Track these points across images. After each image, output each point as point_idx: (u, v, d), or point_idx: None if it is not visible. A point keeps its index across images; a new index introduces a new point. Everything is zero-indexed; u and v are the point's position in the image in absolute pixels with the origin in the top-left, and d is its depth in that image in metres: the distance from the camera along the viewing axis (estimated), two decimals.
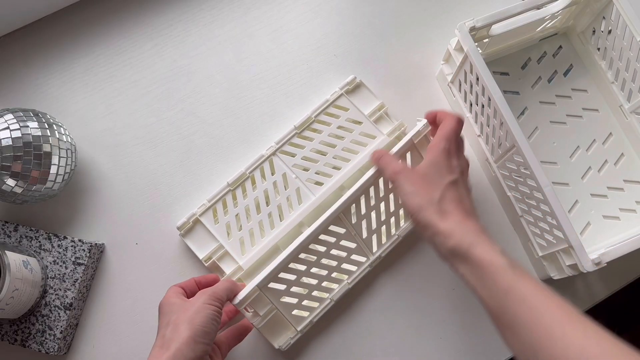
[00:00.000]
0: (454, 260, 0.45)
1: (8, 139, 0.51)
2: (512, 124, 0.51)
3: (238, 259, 0.57)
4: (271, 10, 0.66)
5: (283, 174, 0.59)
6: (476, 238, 0.45)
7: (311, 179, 0.59)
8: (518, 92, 0.63)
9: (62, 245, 0.57)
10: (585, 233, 0.60)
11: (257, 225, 0.58)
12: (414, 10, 0.66)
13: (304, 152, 0.59)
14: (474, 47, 0.54)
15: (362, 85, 0.62)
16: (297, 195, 0.58)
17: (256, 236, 0.57)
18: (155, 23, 0.65)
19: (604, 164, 0.62)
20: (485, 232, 0.46)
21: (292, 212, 0.58)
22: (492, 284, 0.43)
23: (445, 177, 0.49)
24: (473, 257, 0.44)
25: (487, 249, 0.44)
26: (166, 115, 0.63)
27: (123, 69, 0.64)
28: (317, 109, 0.60)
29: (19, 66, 0.64)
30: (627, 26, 0.55)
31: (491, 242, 0.45)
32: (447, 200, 0.48)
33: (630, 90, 0.59)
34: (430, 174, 0.49)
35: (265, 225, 0.58)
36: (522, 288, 0.41)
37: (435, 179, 0.49)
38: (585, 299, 0.59)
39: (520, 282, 0.42)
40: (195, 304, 0.48)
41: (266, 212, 0.58)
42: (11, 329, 0.55)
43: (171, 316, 0.47)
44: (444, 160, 0.50)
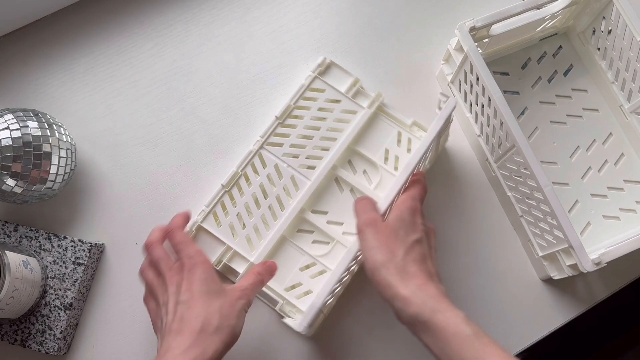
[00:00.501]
0: (415, 328, 0.43)
1: (8, 139, 0.51)
2: (512, 124, 0.51)
3: (248, 256, 0.57)
4: (271, 10, 0.66)
5: (275, 165, 0.59)
6: (438, 305, 0.42)
7: (303, 164, 0.59)
8: (518, 92, 0.63)
9: (62, 245, 0.57)
10: (585, 233, 0.60)
11: (260, 220, 0.58)
12: (414, 10, 0.66)
13: (290, 140, 0.59)
14: (474, 47, 0.54)
15: (334, 65, 0.62)
16: (292, 183, 0.59)
17: (261, 230, 0.57)
18: (155, 23, 0.65)
19: (604, 164, 0.62)
20: (447, 297, 0.44)
21: (292, 200, 0.58)
22: (457, 356, 0.40)
23: (410, 235, 0.47)
24: (436, 326, 0.41)
25: (450, 317, 0.42)
26: (166, 115, 0.63)
27: (123, 69, 0.64)
28: (295, 96, 0.60)
29: (19, 66, 0.64)
30: (627, 26, 0.55)
31: (454, 308, 0.43)
32: (410, 260, 0.45)
33: (630, 90, 0.59)
34: (396, 229, 0.47)
35: (268, 218, 0.58)
36: (489, 359, 0.40)
37: (400, 236, 0.46)
38: (585, 299, 0.59)
39: (487, 353, 0.40)
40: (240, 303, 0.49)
41: (266, 206, 0.58)
42: (11, 329, 0.55)
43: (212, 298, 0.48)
44: (409, 216, 0.48)
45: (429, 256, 0.47)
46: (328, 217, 0.58)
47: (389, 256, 0.45)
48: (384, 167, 0.59)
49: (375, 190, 0.59)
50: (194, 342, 0.45)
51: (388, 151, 0.59)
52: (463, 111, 0.61)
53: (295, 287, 0.56)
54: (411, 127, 0.60)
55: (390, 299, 0.44)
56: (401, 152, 0.59)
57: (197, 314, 0.47)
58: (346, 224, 0.58)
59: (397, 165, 0.59)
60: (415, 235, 0.47)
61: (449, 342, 0.41)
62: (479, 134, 0.60)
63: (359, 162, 0.60)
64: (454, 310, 0.42)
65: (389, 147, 0.60)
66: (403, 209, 0.48)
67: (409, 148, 0.60)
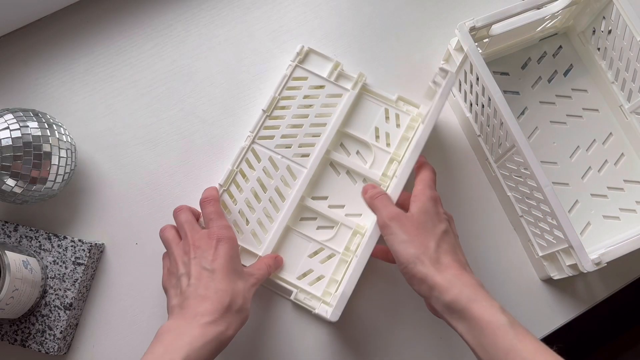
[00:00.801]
0: (451, 316, 0.43)
1: (8, 139, 0.51)
2: (512, 124, 0.51)
3: (256, 251, 0.57)
4: (271, 10, 0.66)
5: (269, 158, 0.59)
6: (474, 294, 0.43)
7: (297, 153, 0.59)
8: (518, 92, 0.63)
9: (62, 245, 0.57)
10: (585, 233, 0.60)
11: (262, 213, 0.58)
12: (414, 10, 0.66)
13: (280, 131, 0.60)
14: (474, 47, 0.54)
15: (312, 52, 0.62)
16: (289, 173, 0.59)
17: (265, 224, 0.58)
18: (155, 23, 0.65)
19: (604, 164, 0.62)
20: (483, 287, 0.44)
21: (291, 190, 0.58)
22: (492, 344, 0.41)
23: (437, 226, 0.47)
24: (472, 314, 0.42)
25: (486, 306, 0.42)
26: (166, 115, 0.63)
27: (123, 69, 0.64)
28: (279, 87, 0.60)
29: (19, 66, 0.64)
30: (627, 26, 0.55)
31: (490, 298, 0.43)
32: (443, 251, 0.45)
33: (630, 90, 0.59)
34: (423, 222, 0.47)
35: (271, 211, 0.58)
36: (523, 349, 0.40)
37: (428, 228, 0.46)
38: (585, 299, 0.59)
39: (521, 342, 0.40)
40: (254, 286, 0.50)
41: (266, 199, 0.58)
42: (11, 329, 0.55)
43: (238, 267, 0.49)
44: (433, 207, 0.48)
45: (458, 246, 0.48)
46: (329, 201, 0.59)
47: (422, 249, 0.45)
48: (376, 145, 0.60)
49: (371, 169, 0.59)
50: (221, 317, 0.45)
51: (378, 129, 0.60)
52: (463, 111, 0.61)
53: (307, 275, 0.57)
54: (397, 102, 0.61)
55: (427, 290, 0.44)
56: (390, 129, 0.60)
57: (224, 288, 0.47)
58: (347, 206, 0.59)
59: (389, 141, 0.60)
60: (442, 225, 0.47)
61: (483, 330, 0.41)
62: (479, 134, 0.60)
63: (351, 143, 0.61)
64: (490, 300, 0.43)
65: (378, 125, 0.60)
66: (425, 200, 0.48)
67: (397, 123, 0.61)
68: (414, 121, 0.60)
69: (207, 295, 0.46)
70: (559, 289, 0.59)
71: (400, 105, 0.61)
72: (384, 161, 0.59)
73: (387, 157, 0.59)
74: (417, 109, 0.61)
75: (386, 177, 0.59)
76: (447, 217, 0.50)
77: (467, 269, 0.46)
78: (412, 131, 0.60)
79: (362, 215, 0.59)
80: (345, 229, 0.58)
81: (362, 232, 0.58)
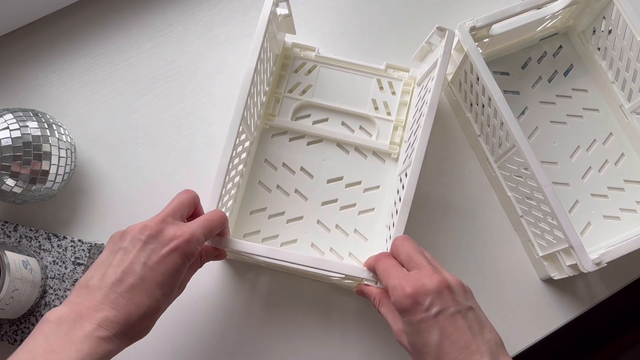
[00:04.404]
0: None
1: (8, 139, 0.51)
2: (512, 124, 0.51)
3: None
4: None
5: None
6: None
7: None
8: (518, 92, 0.63)
9: (62, 245, 0.57)
10: (585, 233, 0.60)
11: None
12: (414, 10, 0.66)
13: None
14: (474, 47, 0.54)
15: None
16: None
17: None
18: (155, 23, 0.65)
19: (604, 164, 0.62)
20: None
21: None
22: None
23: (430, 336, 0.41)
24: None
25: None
26: (166, 115, 0.63)
27: (123, 69, 0.64)
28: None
29: (19, 66, 0.64)
30: (627, 26, 0.55)
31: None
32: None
33: (631, 90, 0.59)
34: (420, 348, 0.42)
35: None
36: None
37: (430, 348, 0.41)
38: (585, 299, 0.59)
39: None
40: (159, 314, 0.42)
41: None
42: (11, 329, 0.55)
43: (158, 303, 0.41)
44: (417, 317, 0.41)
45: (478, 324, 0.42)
46: (345, 181, 0.60)
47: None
48: (377, 116, 0.61)
49: (378, 140, 0.60)
50: (118, 335, 0.39)
51: (375, 101, 0.61)
52: (463, 111, 0.61)
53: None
54: (386, 70, 0.62)
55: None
56: (387, 97, 0.62)
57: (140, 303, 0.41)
58: (364, 181, 0.60)
59: (389, 110, 0.61)
60: (434, 331, 0.41)
61: None
62: (479, 134, 0.60)
63: (352, 120, 0.61)
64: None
65: (374, 97, 0.62)
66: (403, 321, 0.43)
67: (393, 91, 0.62)
68: (407, 85, 0.62)
69: (117, 301, 0.39)
70: (559, 289, 0.59)
71: (390, 73, 0.62)
72: (389, 130, 0.61)
73: (390, 126, 0.61)
74: (408, 73, 0.62)
75: (394, 145, 0.60)
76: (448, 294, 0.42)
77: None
78: (408, 95, 0.61)
79: (379, 187, 0.60)
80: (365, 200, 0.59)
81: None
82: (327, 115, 0.61)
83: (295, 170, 0.60)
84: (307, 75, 0.62)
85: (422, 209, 0.60)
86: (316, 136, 0.61)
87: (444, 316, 0.41)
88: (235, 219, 0.59)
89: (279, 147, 0.61)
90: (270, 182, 0.60)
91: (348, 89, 0.62)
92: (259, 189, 0.60)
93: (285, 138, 0.61)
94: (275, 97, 0.62)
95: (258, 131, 0.60)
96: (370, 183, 0.60)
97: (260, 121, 0.60)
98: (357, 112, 0.61)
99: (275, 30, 0.57)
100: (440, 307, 0.41)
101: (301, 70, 0.62)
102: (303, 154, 0.61)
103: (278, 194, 0.60)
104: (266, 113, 0.61)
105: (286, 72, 0.62)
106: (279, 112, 0.61)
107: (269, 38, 0.55)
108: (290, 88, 0.62)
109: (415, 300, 0.41)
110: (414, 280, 0.42)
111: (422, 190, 0.61)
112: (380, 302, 0.47)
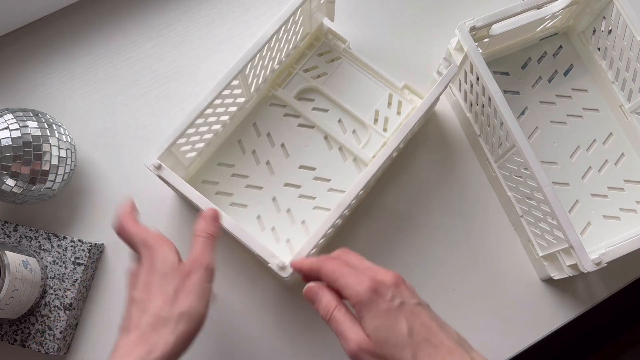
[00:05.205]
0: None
1: (8, 138, 0.51)
2: (512, 124, 0.51)
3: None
4: (271, 10, 0.66)
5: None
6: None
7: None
8: (518, 92, 0.63)
9: (62, 245, 0.57)
10: (585, 233, 0.60)
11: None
12: (414, 10, 0.66)
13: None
14: (474, 47, 0.54)
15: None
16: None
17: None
18: (155, 23, 0.65)
19: (604, 164, 0.62)
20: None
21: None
22: None
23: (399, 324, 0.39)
24: None
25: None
26: (166, 115, 0.63)
27: (123, 69, 0.64)
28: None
29: (19, 66, 0.64)
30: (627, 26, 0.55)
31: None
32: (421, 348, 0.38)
33: (631, 90, 0.59)
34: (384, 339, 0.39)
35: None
36: None
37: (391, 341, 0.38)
38: (585, 299, 0.59)
39: None
40: (194, 283, 0.42)
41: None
42: (11, 329, 0.55)
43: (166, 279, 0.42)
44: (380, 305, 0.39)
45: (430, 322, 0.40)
46: (315, 173, 0.60)
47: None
48: (373, 127, 0.61)
49: (364, 149, 0.60)
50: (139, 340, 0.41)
51: (378, 112, 0.61)
52: (463, 111, 0.61)
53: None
54: (402, 89, 0.61)
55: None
56: (391, 114, 0.61)
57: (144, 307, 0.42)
58: (332, 181, 0.60)
59: (386, 127, 0.61)
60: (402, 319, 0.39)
61: None
62: (479, 134, 0.60)
63: (349, 121, 0.61)
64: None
65: (379, 109, 0.61)
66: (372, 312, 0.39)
67: (398, 111, 0.61)
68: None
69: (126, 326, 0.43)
70: (559, 289, 0.59)
71: (405, 94, 0.61)
72: (377, 144, 0.60)
73: (380, 141, 0.60)
74: (422, 100, 0.61)
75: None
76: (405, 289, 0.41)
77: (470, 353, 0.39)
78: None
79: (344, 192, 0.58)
80: (326, 198, 0.59)
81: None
82: (328, 107, 0.62)
83: (275, 144, 0.60)
84: (328, 63, 0.62)
85: (423, 208, 0.60)
86: (310, 122, 0.61)
87: (408, 307, 0.39)
88: (202, 164, 0.60)
89: (271, 117, 0.61)
90: (249, 144, 0.60)
91: (359, 91, 0.62)
92: (235, 146, 0.60)
93: (282, 111, 0.61)
94: (290, 70, 0.62)
95: (259, 94, 0.61)
96: (338, 185, 0.59)
97: (265, 86, 0.61)
98: (357, 115, 0.61)
99: (312, 8, 0.57)
100: (401, 299, 0.39)
101: (325, 56, 0.63)
102: (290, 132, 0.61)
103: (250, 158, 0.60)
104: (274, 81, 0.61)
105: (310, 52, 0.62)
106: (286, 86, 0.61)
107: (303, 13, 0.56)
108: (307, 68, 0.62)
109: (377, 291, 0.39)
110: (369, 275, 0.40)
111: (422, 190, 0.61)
112: (336, 307, 0.41)
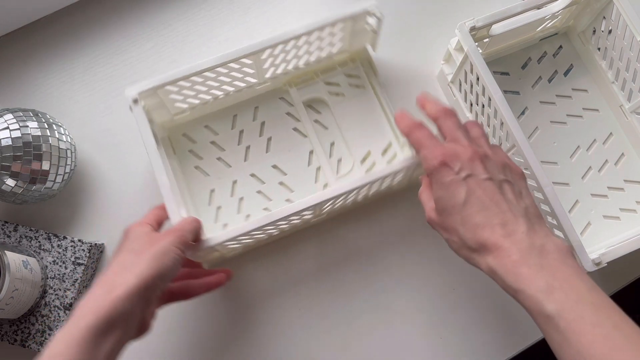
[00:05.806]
0: (542, 321, 0.38)
1: (8, 139, 0.51)
2: (513, 124, 0.51)
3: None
4: (271, 10, 0.66)
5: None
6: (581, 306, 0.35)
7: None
8: (518, 92, 0.63)
9: (62, 245, 0.57)
10: (585, 233, 0.60)
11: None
12: (414, 10, 0.66)
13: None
14: (474, 47, 0.54)
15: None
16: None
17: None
18: (155, 23, 0.65)
19: (604, 164, 0.62)
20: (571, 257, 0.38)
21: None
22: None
23: (455, 197, 0.40)
24: (572, 335, 0.35)
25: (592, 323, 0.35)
26: None
27: (123, 69, 0.64)
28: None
29: (19, 66, 0.64)
30: (627, 26, 0.55)
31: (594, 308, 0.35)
32: (479, 227, 0.39)
33: (631, 90, 0.59)
34: (441, 209, 0.42)
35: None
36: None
37: (447, 210, 0.41)
38: None
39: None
40: (162, 242, 0.42)
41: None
42: (11, 329, 0.55)
43: (135, 243, 0.43)
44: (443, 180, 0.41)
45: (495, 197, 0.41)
46: (283, 178, 0.60)
47: (457, 240, 0.42)
48: (357, 164, 0.59)
49: (337, 180, 0.59)
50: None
51: (370, 153, 0.60)
52: (463, 111, 0.61)
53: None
54: (404, 145, 0.60)
55: (515, 293, 0.40)
56: (380, 161, 0.60)
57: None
58: (295, 193, 0.59)
59: (370, 170, 0.59)
60: (461, 191, 0.41)
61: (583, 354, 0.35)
62: None
63: (340, 148, 0.60)
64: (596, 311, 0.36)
65: (373, 151, 0.60)
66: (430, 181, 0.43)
67: (389, 162, 0.60)
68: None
69: None
70: None
71: (405, 149, 0.60)
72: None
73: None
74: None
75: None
76: (480, 164, 0.41)
77: (568, 255, 0.38)
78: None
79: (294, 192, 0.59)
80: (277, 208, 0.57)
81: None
82: (329, 126, 0.61)
83: (263, 135, 0.60)
84: (351, 87, 0.62)
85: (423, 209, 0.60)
86: (305, 131, 0.60)
87: (474, 180, 0.40)
88: (191, 119, 0.60)
89: (274, 109, 0.61)
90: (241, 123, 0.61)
91: (364, 126, 0.60)
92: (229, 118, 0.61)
93: (286, 109, 0.61)
94: (313, 75, 0.61)
95: (274, 83, 0.61)
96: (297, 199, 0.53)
97: (283, 78, 0.60)
98: (350, 147, 0.60)
99: (355, 27, 0.56)
100: (470, 171, 0.40)
101: (352, 79, 0.62)
102: (282, 131, 0.61)
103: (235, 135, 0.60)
104: (294, 78, 0.61)
105: (340, 69, 0.62)
106: (302, 88, 0.61)
107: (345, 30, 0.56)
108: (330, 82, 0.61)
109: (445, 162, 0.41)
110: (448, 148, 0.42)
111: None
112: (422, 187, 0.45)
